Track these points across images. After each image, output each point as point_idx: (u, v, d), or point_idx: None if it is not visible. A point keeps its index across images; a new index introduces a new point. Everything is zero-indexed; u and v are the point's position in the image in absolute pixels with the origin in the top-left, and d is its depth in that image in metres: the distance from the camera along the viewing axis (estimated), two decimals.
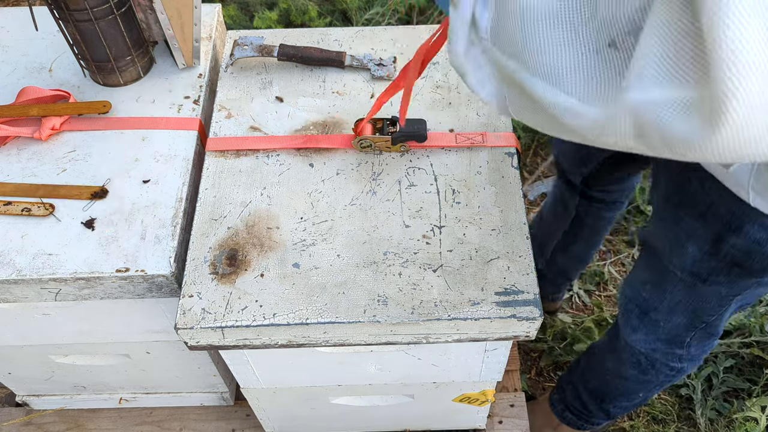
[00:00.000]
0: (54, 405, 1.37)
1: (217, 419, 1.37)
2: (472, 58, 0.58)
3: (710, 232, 0.80)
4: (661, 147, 0.44)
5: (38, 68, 1.15)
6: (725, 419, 1.51)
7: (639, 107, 0.43)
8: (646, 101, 0.42)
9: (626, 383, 1.18)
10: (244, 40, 1.13)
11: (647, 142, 0.45)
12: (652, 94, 0.42)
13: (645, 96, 0.42)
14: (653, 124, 0.43)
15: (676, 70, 0.41)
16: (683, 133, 0.42)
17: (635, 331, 1.06)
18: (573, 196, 1.26)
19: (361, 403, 1.17)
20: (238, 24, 2.32)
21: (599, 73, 0.47)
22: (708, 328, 0.98)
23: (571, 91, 0.48)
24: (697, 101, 0.40)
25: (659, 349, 1.05)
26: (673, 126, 0.42)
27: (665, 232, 0.88)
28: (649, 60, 0.42)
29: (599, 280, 1.76)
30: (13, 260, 0.91)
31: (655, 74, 0.42)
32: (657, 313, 0.99)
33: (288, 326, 0.84)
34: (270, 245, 0.90)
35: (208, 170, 0.99)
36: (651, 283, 0.96)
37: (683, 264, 0.87)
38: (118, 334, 1.07)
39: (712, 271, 0.85)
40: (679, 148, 0.43)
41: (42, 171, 1.01)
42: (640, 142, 0.45)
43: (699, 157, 0.43)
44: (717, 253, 0.81)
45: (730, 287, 0.86)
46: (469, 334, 0.86)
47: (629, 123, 0.44)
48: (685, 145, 0.42)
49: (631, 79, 0.43)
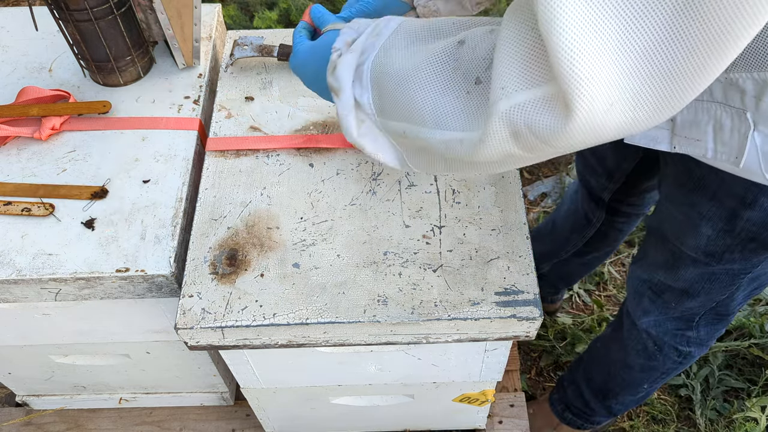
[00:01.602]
0: (54, 405, 1.37)
1: (217, 419, 1.37)
2: (365, 132, 0.67)
3: (724, 211, 0.81)
4: (534, 142, 0.51)
5: (38, 68, 1.15)
6: (725, 419, 1.51)
7: (509, 113, 0.51)
8: (513, 106, 0.50)
9: (631, 373, 1.18)
10: (244, 40, 1.13)
11: (523, 142, 0.52)
12: (516, 98, 0.50)
13: (511, 102, 0.50)
14: (523, 123, 0.50)
15: (530, 74, 0.49)
16: (548, 125, 0.49)
17: (647, 313, 1.06)
18: (598, 211, 1.26)
19: (361, 403, 1.17)
20: (238, 24, 2.32)
21: (473, 106, 0.56)
22: (718, 308, 0.98)
23: (455, 128, 0.57)
24: (553, 96, 0.48)
25: (669, 331, 1.06)
26: (539, 121, 0.49)
27: (678, 216, 0.88)
28: (507, 72, 0.50)
29: (599, 280, 1.76)
30: (13, 260, 0.91)
31: (515, 82, 0.49)
32: (670, 294, 1.00)
33: (288, 326, 0.84)
34: (270, 245, 0.90)
35: (208, 170, 0.99)
36: (664, 265, 0.97)
37: (698, 244, 0.88)
38: (118, 334, 1.07)
39: (726, 249, 0.85)
40: (550, 139, 0.50)
41: (42, 171, 1.01)
42: (517, 144, 0.53)
43: (566, 145, 0.50)
44: (732, 230, 0.82)
45: (743, 264, 0.87)
46: (469, 334, 0.86)
47: (505, 130, 0.52)
48: (552, 135, 0.49)
49: (497, 93, 0.51)
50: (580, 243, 1.36)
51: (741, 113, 0.67)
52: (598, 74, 0.44)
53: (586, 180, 1.24)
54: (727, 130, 0.69)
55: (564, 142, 0.50)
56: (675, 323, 1.05)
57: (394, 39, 0.64)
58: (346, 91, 0.66)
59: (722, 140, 0.70)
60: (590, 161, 1.18)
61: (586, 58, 0.43)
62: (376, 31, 0.66)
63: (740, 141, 0.69)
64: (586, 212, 1.30)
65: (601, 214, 1.26)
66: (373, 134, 0.67)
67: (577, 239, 1.36)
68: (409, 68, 0.61)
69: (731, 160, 0.71)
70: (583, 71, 0.43)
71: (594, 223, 1.29)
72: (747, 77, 0.64)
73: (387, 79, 0.63)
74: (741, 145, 0.69)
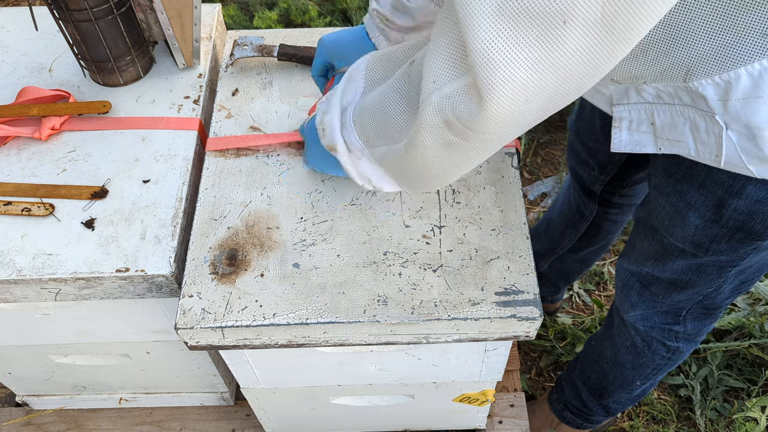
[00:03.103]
0: (54, 405, 1.37)
1: (217, 419, 1.37)
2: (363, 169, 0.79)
3: (711, 199, 0.82)
4: (462, 128, 0.59)
5: (38, 68, 1.15)
6: (725, 419, 1.51)
7: (440, 103, 0.59)
8: (443, 96, 0.58)
9: (623, 371, 1.18)
10: (244, 40, 1.13)
11: (454, 129, 0.60)
12: (445, 89, 0.58)
13: (441, 92, 0.58)
14: (450, 111, 0.58)
15: (455, 67, 0.56)
16: (470, 112, 0.56)
17: (634, 307, 1.06)
18: (591, 204, 1.27)
19: (361, 403, 1.17)
20: (238, 24, 2.32)
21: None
22: (705, 301, 0.98)
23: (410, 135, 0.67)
24: (471, 85, 0.55)
25: (656, 325, 1.06)
26: (462, 108, 0.57)
27: (666, 207, 0.89)
28: (436, 66, 0.58)
29: (599, 280, 1.76)
30: (13, 260, 0.91)
31: (444, 75, 0.58)
32: (658, 286, 1.00)
33: (288, 326, 0.84)
34: (270, 245, 0.90)
35: (208, 170, 0.99)
36: (652, 256, 0.97)
37: (685, 234, 0.88)
38: (118, 334, 1.07)
39: (713, 239, 0.86)
40: (471, 124, 0.57)
41: (42, 171, 1.01)
42: (451, 131, 0.60)
43: (488, 129, 0.57)
44: (719, 219, 0.83)
45: (730, 255, 0.87)
46: (469, 334, 0.86)
47: (438, 118, 0.60)
48: (472, 120, 0.56)
49: (429, 87, 0.59)
50: (574, 237, 1.36)
51: (710, 116, 0.68)
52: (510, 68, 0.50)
53: (578, 174, 1.25)
54: (702, 130, 0.71)
55: (485, 128, 0.57)
56: (662, 317, 1.05)
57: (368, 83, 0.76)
58: (338, 141, 0.77)
59: (701, 140, 0.72)
60: (582, 155, 1.18)
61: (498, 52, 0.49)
62: (348, 77, 0.78)
63: (716, 141, 0.70)
64: (579, 206, 1.30)
65: (593, 207, 1.27)
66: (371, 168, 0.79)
67: (571, 234, 1.36)
68: (378, 97, 0.72)
69: (712, 159, 0.72)
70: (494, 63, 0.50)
71: (587, 216, 1.30)
72: (708, 83, 0.65)
73: (365, 113, 0.74)
74: (718, 144, 0.70)
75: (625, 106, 0.76)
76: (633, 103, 0.76)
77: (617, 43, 0.49)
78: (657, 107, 0.73)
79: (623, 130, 0.79)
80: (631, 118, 0.77)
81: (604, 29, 0.48)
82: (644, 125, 0.76)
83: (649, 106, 0.74)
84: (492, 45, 0.49)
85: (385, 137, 0.73)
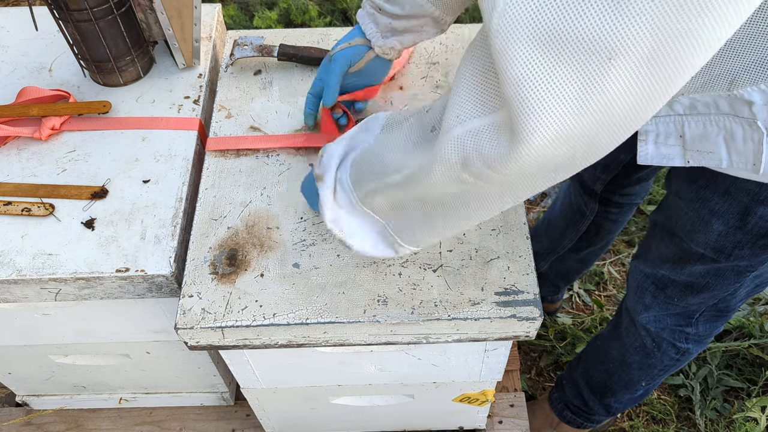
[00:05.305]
0: (54, 405, 1.37)
1: (217, 419, 1.37)
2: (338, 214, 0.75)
3: (736, 206, 0.81)
4: (482, 168, 0.55)
5: (38, 68, 1.15)
6: (725, 419, 1.51)
7: (462, 138, 0.55)
8: (467, 132, 0.54)
9: (629, 371, 1.18)
10: (244, 40, 1.13)
11: (471, 168, 0.56)
12: (470, 124, 0.54)
13: (465, 128, 0.54)
14: (473, 149, 0.54)
15: (483, 103, 0.53)
16: (498, 151, 0.52)
17: (648, 308, 1.06)
18: (591, 203, 1.27)
19: (361, 403, 1.17)
20: (238, 24, 2.32)
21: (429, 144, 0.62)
22: (720, 304, 0.98)
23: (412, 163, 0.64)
24: (503, 123, 0.51)
25: (668, 327, 1.06)
26: (489, 147, 0.53)
27: (688, 213, 0.88)
28: (462, 102, 0.54)
29: (599, 280, 1.76)
30: (13, 260, 0.91)
31: (470, 110, 0.54)
32: (673, 289, 1.00)
33: (288, 326, 0.84)
34: (270, 245, 0.90)
35: (208, 170, 0.99)
36: (670, 260, 0.97)
37: (707, 240, 0.88)
38: (118, 334, 1.07)
39: (737, 245, 0.86)
40: (496, 165, 0.53)
41: (42, 171, 1.01)
42: (465, 170, 0.56)
43: (516, 170, 0.52)
44: (743, 226, 0.82)
45: (750, 260, 0.87)
46: (469, 334, 0.86)
47: (455, 155, 0.56)
48: (500, 161, 0.52)
49: (451, 121, 0.55)
50: (575, 237, 1.36)
51: (751, 122, 0.67)
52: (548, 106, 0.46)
53: (578, 173, 1.25)
54: (739, 139, 0.69)
55: (509, 168, 0.52)
56: (675, 319, 1.05)
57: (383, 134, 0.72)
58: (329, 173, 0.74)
59: (736, 150, 0.70)
60: None
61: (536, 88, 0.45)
62: (365, 127, 0.74)
63: (755, 148, 0.68)
64: (579, 205, 1.30)
65: (594, 206, 1.27)
66: (349, 218, 0.75)
67: (572, 233, 1.36)
68: (384, 139, 0.70)
69: (749, 168, 0.71)
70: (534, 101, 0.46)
71: (588, 215, 1.30)
72: (753, 90, 0.64)
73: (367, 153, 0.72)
74: (757, 152, 0.69)
75: (653, 119, 0.75)
76: (662, 116, 0.74)
77: (663, 85, 0.45)
78: (688, 119, 0.72)
79: (649, 144, 0.77)
80: (658, 131, 0.76)
81: (651, 68, 0.43)
82: (672, 138, 0.75)
83: (679, 118, 0.73)
84: (529, 80, 0.45)
85: (379, 173, 0.69)
